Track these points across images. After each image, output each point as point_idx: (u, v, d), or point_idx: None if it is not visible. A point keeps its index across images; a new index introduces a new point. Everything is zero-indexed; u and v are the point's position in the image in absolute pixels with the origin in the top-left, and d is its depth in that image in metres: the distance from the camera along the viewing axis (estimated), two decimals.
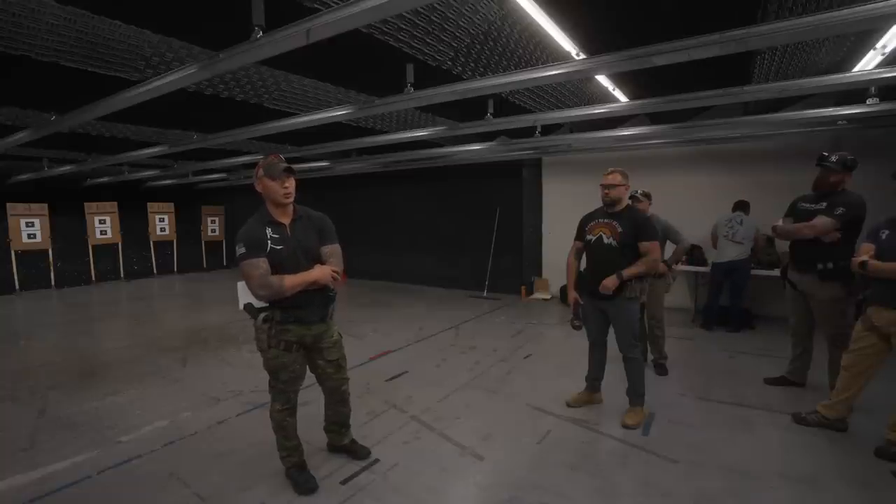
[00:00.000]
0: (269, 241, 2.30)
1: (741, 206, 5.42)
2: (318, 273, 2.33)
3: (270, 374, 2.45)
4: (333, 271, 2.36)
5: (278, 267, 2.28)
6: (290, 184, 2.34)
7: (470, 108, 4.37)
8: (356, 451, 2.79)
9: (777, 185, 5.52)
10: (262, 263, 2.24)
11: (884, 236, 2.79)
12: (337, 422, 2.77)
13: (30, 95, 4.05)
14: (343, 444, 2.81)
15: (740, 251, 5.25)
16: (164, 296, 9.07)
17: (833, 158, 3.22)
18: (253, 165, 8.50)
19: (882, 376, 2.97)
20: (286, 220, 2.39)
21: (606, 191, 3.15)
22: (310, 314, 2.40)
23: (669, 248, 4.06)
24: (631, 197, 3.59)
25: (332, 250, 2.44)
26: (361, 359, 4.63)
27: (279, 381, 2.44)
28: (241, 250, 2.26)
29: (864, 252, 2.83)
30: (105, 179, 9.47)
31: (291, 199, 2.37)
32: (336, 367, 2.59)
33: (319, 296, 2.41)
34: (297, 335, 2.40)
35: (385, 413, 3.44)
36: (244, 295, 2.41)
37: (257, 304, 2.40)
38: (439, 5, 2.54)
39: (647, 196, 4.03)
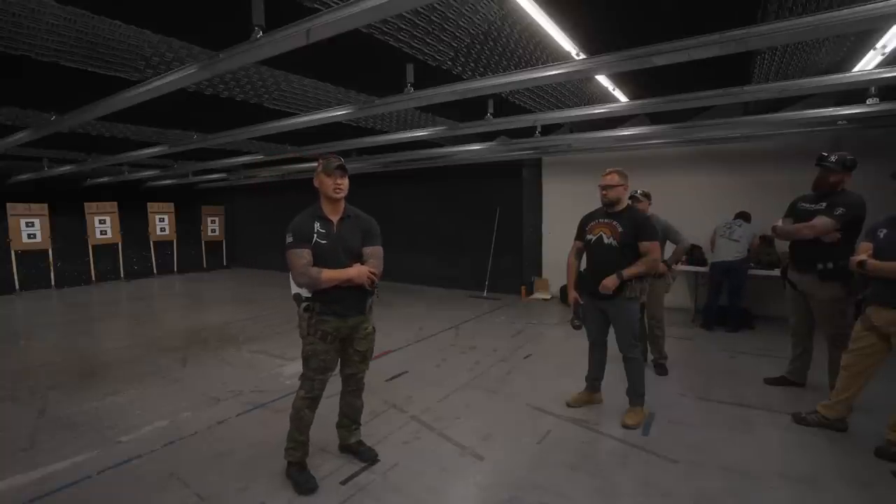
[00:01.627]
0: (315, 235, 2.43)
1: (742, 216, 5.50)
2: (355, 272, 2.43)
3: (303, 362, 2.54)
4: (371, 272, 2.46)
5: (319, 260, 2.40)
6: (342, 181, 2.47)
7: (470, 108, 4.37)
8: (363, 454, 2.79)
9: (777, 185, 5.52)
10: (305, 253, 2.38)
11: (882, 235, 2.79)
12: (349, 416, 2.80)
13: (30, 95, 4.05)
14: (350, 443, 2.82)
15: (737, 249, 5.28)
16: (164, 296, 9.07)
17: (832, 158, 3.22)
18: (253, 165, 8.55)
19: (882, 376, 2.97)
20: (335, 218, 2.52)
21: (605, 191, 3.16)
22: (346, 308, 2.50)
23: (669, 249, 4.06)
24: (631, 197, 3.59)
25: (374, 252, 2.55)
26: None
27: (309, 367, 2.53)
28: (289, 239, 2.41)
29: (863, 251, 2.83)
30: (105, 179, 9.47)
31: (342, 195, 2.49)
32: (362, 357, 2.68)
33: (356, 292, 2.49)
34: (334, 327, 2.49)
35: (385, 413, 3.44)
36: (295, 284, 2.51)
37: (304, 294, 2.50)
38: (439, 5, 2.54)
39: (647, 196, 4.03)
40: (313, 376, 2.53)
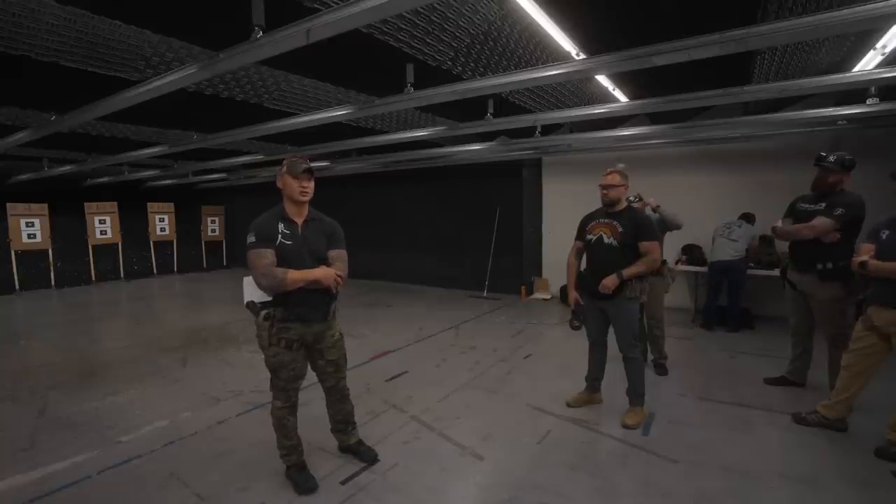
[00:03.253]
0: (279, 235, 2.37)
1: (746, 217, 5.50)
2: (321, 273, 2.36)
3: (271, 372, 2.48)
4: (337, 275, 2.40)
5: (283, 262, 2.33)
6: (308, 184, 2.40)
7: (470, 108, 4.37)
8: (363, 454, 2.78)
9: (777, 185, 5.52)
10: (268, 254, 2.30)
11: (884, 236, 2.79)
12: (341, 420, 2.78)
13: (30, 95, 4.04)
14: (350, 444, 2.81)
15: (735, 249, 5.28)
16: (164, 296, 9.07)
17: (831, 158, 3.22)
18: (253, 165, 8.53)
19: (882, 376, 2.97)
20: (299, 220, 2.45)
21: (605, 191, 3.16)
22: (310, 312, 2.42)
23: (669, 247, 4.05)
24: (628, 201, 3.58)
25: (339, 255, 2.50)
26: (361, 359, 4.62)
27: (279, 378, 2.47)
28: (250, 238, 2.32)
29: (865, 252, 2.83)
30: (105, 179, 9.47)
31: (307, 199, 2.42)
32: (335, 366, 2.62)
33: (320, 294, 2.43)
34: (297, 333, 2.43)
35: (385, 413, 3.43)
36: (249, 291, 2.43)
37: (259, 300, 2.42)
38: (439, 5, 2.54)
39: (640, 199, 4.01)
40: (286, 386, 2.48)
